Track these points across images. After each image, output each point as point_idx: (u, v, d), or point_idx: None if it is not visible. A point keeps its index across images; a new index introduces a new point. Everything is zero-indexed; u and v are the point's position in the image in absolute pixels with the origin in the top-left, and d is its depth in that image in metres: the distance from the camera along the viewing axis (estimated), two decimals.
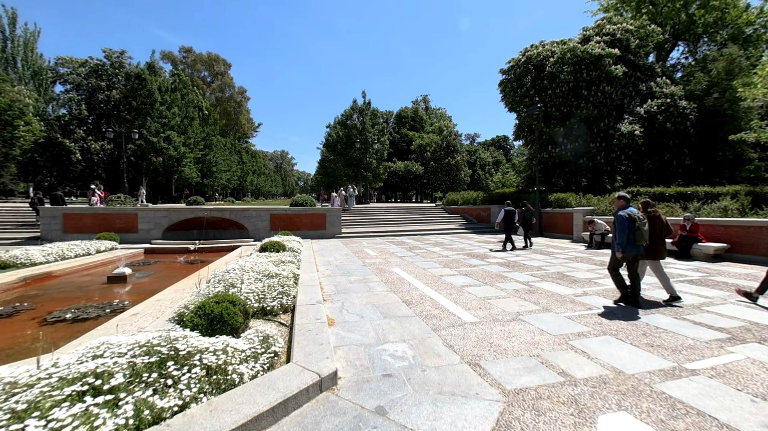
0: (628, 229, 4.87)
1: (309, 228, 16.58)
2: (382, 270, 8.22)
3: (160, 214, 15.06)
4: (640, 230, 4.87)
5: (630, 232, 4.88)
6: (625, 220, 4.89)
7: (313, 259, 9.47)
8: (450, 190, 41.67)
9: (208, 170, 45.41)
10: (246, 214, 15.97)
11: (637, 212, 5.01)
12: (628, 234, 4.88)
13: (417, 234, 17.66)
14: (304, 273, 7.25)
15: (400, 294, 6.02)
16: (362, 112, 36.20)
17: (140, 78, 30.97)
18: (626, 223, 4.88)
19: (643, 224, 4.91)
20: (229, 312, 3.71)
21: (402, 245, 13.41)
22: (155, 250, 13.45)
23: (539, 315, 4.80)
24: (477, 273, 7.74)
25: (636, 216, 4.91)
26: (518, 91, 22.40)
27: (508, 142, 72.70)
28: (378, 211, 24.04)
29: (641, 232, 4.88)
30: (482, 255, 10.60)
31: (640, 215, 4.97)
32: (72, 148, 30.35)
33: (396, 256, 10.52)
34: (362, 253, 11.22)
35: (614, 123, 20.10)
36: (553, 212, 16.16)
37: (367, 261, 9.56)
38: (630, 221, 4.88)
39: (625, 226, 4.89)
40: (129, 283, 8.09)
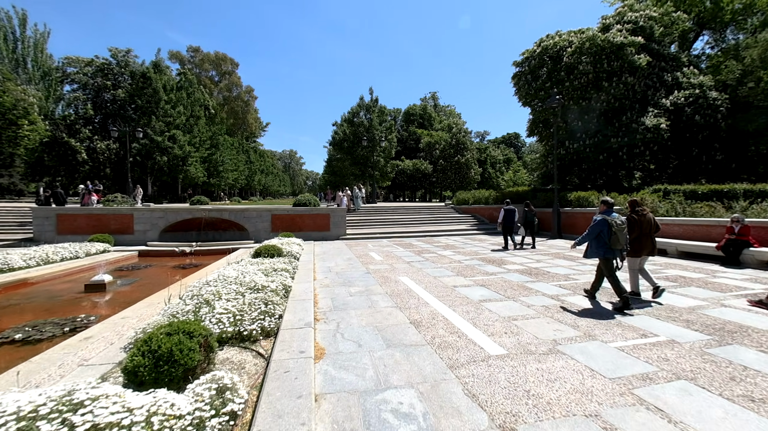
0: (599, 233, 5.08)
1: (312, 230, 15.75)
2: (388, 279, 7.29)
3: (157, 214, 14.40)
4: (617, 235, 4.97)
5: (601, 237, 5.08)
6: (600, 225, 5.11)
7: (312, 265, 8.60)
8: (460, 189, 40.50)
9: (215, 170, 45.05)
10: (246, 215, 15.22)
11: (616, 218, 5.10)
12: (593, 237, 5.14)
13: (426, 235, 16.68)
14: (298, 283, 6.37)
15: (408, 311, 5.09)
16: (369, 109, 35.26)
17: (145, 76, 30.59)
18: (598, 227, 5.11)
19: (620, 229, 5.00)
20: (183, 348, 2.83)
21: (410, 248, 12.46)
22: (150, 253, 12.78)
23: (582, 344, 3.82)
24: (496, 284, 6.75)
25: (613, 222, 5.03)
26: (533, 84, 21.18)
27: (519, 140, 70.95)
28: (385, 211, 23.11)
29: (617, 237, 4.98)
30: (499, 260, 9.59)
31: (617, 221, 5.05)
32: (77, 148, 30.12)
33: (403, 261, 9.58)
34: (367, 258, 10.31)
35: (637, 116, 18.77)
36: (573, 212, 15.01)
37: (372, 268, 8.64)
38: (605, 225, 5.06)
39: (594, 230, 5.13)
40: (108, 292, 7.34)
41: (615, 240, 5.00)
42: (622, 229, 5.04)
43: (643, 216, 5.46)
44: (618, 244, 5.01)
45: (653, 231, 5.49)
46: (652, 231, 5.48)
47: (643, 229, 5.41)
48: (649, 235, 5.44)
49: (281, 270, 6.82)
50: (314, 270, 8.19)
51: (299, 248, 11.17)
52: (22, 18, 44.97)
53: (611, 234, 5.00)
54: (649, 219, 5.46)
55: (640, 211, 5.50)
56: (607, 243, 5.06)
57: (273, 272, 6.52)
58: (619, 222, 5.07)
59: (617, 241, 5.00)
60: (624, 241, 5.05)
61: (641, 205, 5.56)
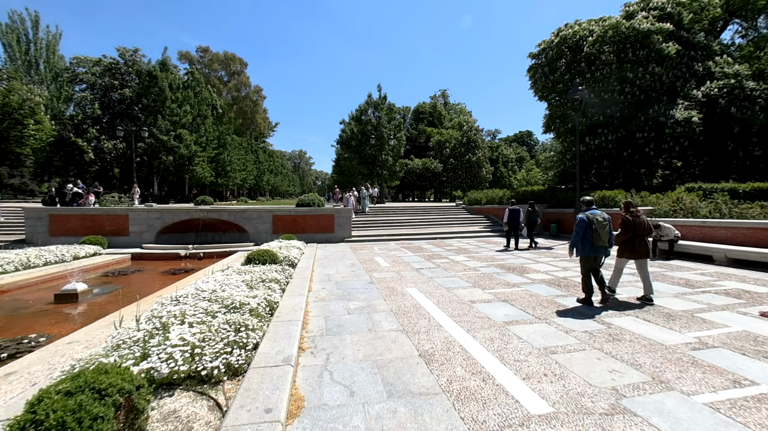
0: (584, 232, 5.11)
1: (315, 231, 14.89)
2: (393, 291, 6.32)
3: (153, 215, 13.72)
4: (598, 232, 5.03)
5: (585, 235, 5.10)
6: (582, 223, 5.12)
7: (310, 273, 7.69)
8: (470, 189, 39.26)
9: (223, 169, 44.75)
10: (246, 216, 14.43)
11: (598, 215, 5.14)
12: (582, 237, 5.13)
13: (436, 237, 15.65)
14: (288, 297, 5.45)
15: (417, 337, 4.11)
16: (377, 107, 34.34)
17: (151, 75, 30.28)
18: (581, 226, 5.12)
19: (602, 227, 5.05)
20: (83, 418, 1.91)
21: (419, 252, 11.47)
22: (143, 256, 12.07)
23: (656, 397, 2.79)
24: (521, 299, 5.72)
25: (594, 219, 5.08)
26: (550, 77, 19.93)
27: (532, 138, 69.06)
28: (393, 212, 22.14)
29: (598, 234, 5.03)
30: (520, 267, 8.53)
31: (599, 218, 5.10)
32: (84, 148, 29.99)
33: (412, 268, 8.60)
34: (371, 264, 9.36)
35: (665, 109, 17.39)
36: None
37: (376, 276, 7.68)
38: (587, 224, 5.09)
39: (580, 228, 5.14)
40: (80, 303, 6.55)
41: (597, 237, 5.04)
42: (604, 226, 5.08)
43: (637, 217, 5.40)
44: (600, 241, 5.05)
45: (647, 234, 5.44)
46: (645, 233, 5.42)
47: (636, 231, 5.37)
48: (642, 237, 5.39)
49: (270, 281, 5.91)
50: (311, 279, 7.28)
51: (299, 252, 10.29)
52: (34, 20, 45.43)
53: (593, 231, 5.05)
54: (642, 221, 5.41)
55: (635, 212, 5.47)
56: (590, 241, 5.09)
57: (260, 284, 5.62)
58: (600, 219, 5.10)
59: (599, 238, 5.05)
60: (606, 238, 5.08)
61: (635, 207, 5.54)
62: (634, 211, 5.48)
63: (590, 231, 5.06)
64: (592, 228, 5.05)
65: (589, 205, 5.42)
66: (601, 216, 5.13)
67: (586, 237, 5.11)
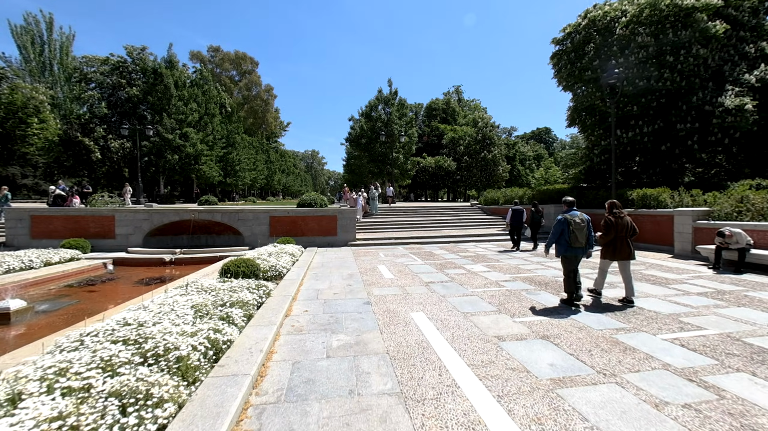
0: (560, 233, 5.18)
1: (317, 234, 13.58)
2: (394, 318, 4.89)
3: (140, 216, 12.67)
4: (575, 234, 5.07)
5: (563, 236, 5.17)
6: (560, 224, 5.19)
7: (296, 288, 6.33)
8: (486, 187, 37.40)
9: (232, 169, 44.16)
10: (241, 217, 13.24)
11: (577, 216, 5.17)
12: (559, 238, 5.20)
13: (449, 241, 14.11)
14: (252, 328, 4.10)
15: (421, 408, 2.67)
16: (388, 102, 32.92)
17: (156, 73, 29.67)
18: (559, 227, 5.18)
19: (579, 228, 5.08)
20: None
21: (430, 259, 9.98)
22: (126, 261, 11.00)
23: None
24: (567, 335, 4.19)
25: (572, 221, 5.11)
26: (576, 64, 18.10)
27: (551, 135, 66.27)
28: (403, 212, 20.68)
29: (575, 236, 5.08)
30: (554, 283, 6.96)
31: (576, 219, 5.12)
32: (91, 147, 29.60)
33: (420, 281, 7.13)
34: (373, 275, 7.94)
35: (712, 96, 15.34)
36: (636, 214, 11.98)
37: (376, 293, 6.25)
38: (566, 225, 5.14)
39: (557, 229, 5.21)
40: (12, 325, 5.36)
41: (574, 238, 5.08)
42: (582, 228, 5.10)
43: (620, 218, 5.36)
44: (577, 242, 5.09)
45: (630, 235, 5.37)
46: (629, 234, 5.36)
47: (619, 232, 5.33)
48: (625, 239, 5.34)
49: (234, 304, 4.55)
50: (294, 297, 5.91)
51: (291, 260, 8.97)
52: (49, 21, 45.94)
53: (570, 232, 5.08)
54: (625, 222, 5.36)
55: (618, 213, 5.42)
56: (567, 242, 5.14)
57: (219, 309, 4.27)
58: (578, 220, 5.12)
59: (576, 239, 5.08)
60: (584, 239, 5.10)
61: (619, 207, 5.47)
62: (618, 212, 5.39)
63: (567, 232, 5.11)
64: (569, 229, 5.10)
65: (570, 206, 5.45)
66: (579, 218, 5.16)
67: (563, 237, 5.16)
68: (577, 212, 5.26)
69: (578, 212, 5.26)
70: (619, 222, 5.31)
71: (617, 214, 5.37)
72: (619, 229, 5.29)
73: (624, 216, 5.35)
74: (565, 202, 5.52)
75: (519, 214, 11.73)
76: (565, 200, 5.53)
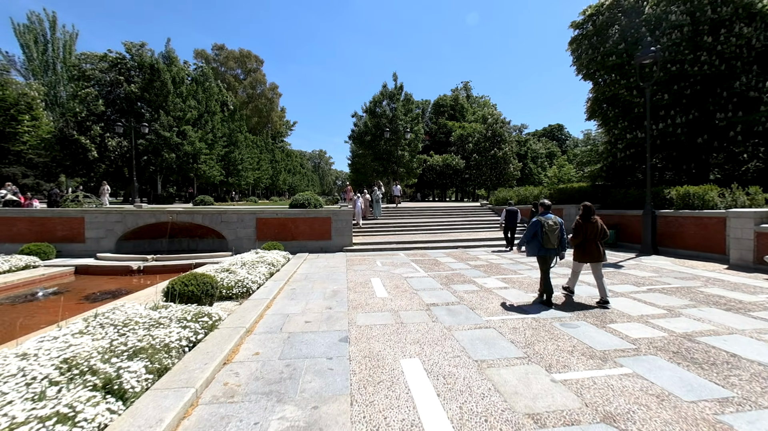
0: (533, 234, 5.39)
1: (308, 238, 12.17)
2: (377, 369, 3.40)
3: (113, 218, 11.42)
4: (547, 235, 5.26)
5: (536, 237, 5.37)
6: (534, 226, 5.40)
7: (258, 314, 4.91)
8: (496, 186, 35.60)
9: (234, 168, 43.17)
10: (224, 218, 11.90)
11: (551, 219, 5.35)
12: (532, 238, 5.43)
13: (458, 246, 12.55)
14: (152, 398, 2.66)
15: None
16: (393, 98, 31.40)
17: (153, 68, 28.67)
18: (533, 228, 5.40)
19: (551, 230, 5.28)
20: None
21: (435, 269, 8.46)
22: (89, 269, 9.75)
23: None
24: (641, 409, 2.65)
25: (545, 223, 5.31)
26: (599, 49, 16.33)
27: (563, 132, 63.86)
28: (408, 213, 19.17)
29: (548, 237, 5.26)
30: (597, 310, 5.38)
31: (549, 222, 5.32)
32: (88, 145, 28.77)
33: (420, 304, 5.63)
34: (363, 292, 6.46)
35: (758, 81, 13.47)
36: (677, 216, 10.27)
37: (360, 323, 4.78)
38: (540, 226, 5.33)
39: (530, 230, 5.44)
40: None
41: (546, 239, 5.28)
42: (554, 230, 5.30)
43: (589, 222, 5.43)
44: (549, 243, 5.29)
45: (600, 238, 5.44)
46: (599, 237, 5.44)
47: (588, 235, 5.41)
48: (594, 241, 5.41)
49: (139, 352, 3.12)
50: (250, 330, 4.47)
51: (268, 271, 7.56)
52: (52, 20, 45.67)
53: (543, 234, 5.28)
54: (595, 225, 5.42)
55: (589, 217, 5.47)
56: (539, 242, 5.34)
57: (109, 363, 2.85)
58: (551, 223, 5.32)
59: (548, 241, 5.27)
60: (556, 241, 5.31)
61: (594, 213, 5.51)
62: (589, 216, 5.47)
63: (541, 234, 5.30)
64: (542, 230, 5.28)
65: (547, 208, 5.64)
66: (552, 220, 5.35)
67: (537, 238, 5.35)
68: (551, 215, 5.47)
69: (552, 215, 5.46)
70: (588, 225, 5.41)
71: (587, 217, 5.45)
72: (589, 232, 5.41)
73: (595, 221, 5.45)
74: (542, 204, 5.73)
75: (513, 214, 11.69)
76: (542, 203, 5.74)
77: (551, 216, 5.44)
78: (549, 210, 5.66)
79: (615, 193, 13.67)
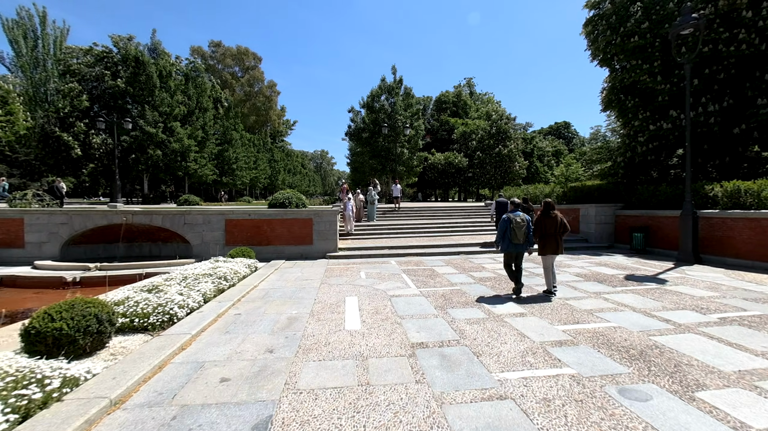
0: (504, 231, 5.67)
1: (286, 243, 10.52)
2: None
3: (57, 219, 9.82)
4: (515, 231, 5.55)
5: (506, 233, 5.65)
6: (503, 223, 5.68)
7: (151, 368, 3.23)
8: (501, 185, 33.84)
9: (229, 167, 41.67)
10: (188, 220, 10.28)
11: (519, 217, 5.60)
12: (503, 235, 5.69)
13: (459, 251, 10.84)
14: None
15: None
16: (392, 92, 29.74)
17: (138, 61, 27.20)
18: (503, 226, 5.68)
19: (519, 227, 5.55)
20: None
21: (430, 284, 6.76)
22: (18, 281, 8.16)
23: None
24: None
25: (514, 220, 5.58)
26: (618, 29, 14.57)
27: (570, 129, 61.80)
28: (406, 214, 17.48)
29: (515, 233, 5.56)
30: (673, 359, 3.66)
31: (517, 219, 5.57)
32: (70, 143, 27.37)
33: (403, 345, 3.93)
34: (328, 322, 4.78)
35: None
36: (725, 217, 8.49)
37: (302, 386, 3.08)
38: (508, 223, 5.62)
39: (501, 228, 5.73)
40: None
41: (514, 235, 5.57)
42: (521, 227, 5.55)
43: (548, 217, 5.75)
44: (516, 239, 5.57)
45: (559, 233, 5.72)
46: (558, 232, 5.71)
47: (547, 230, 5.73)
48: (553, 236, 5.72)
49: None
50: (120, 401, 2.79)
51: (217, 286, 5.92)
52: (42, 16, 44.51)
53: (511, 230, 5.57)
54: (554, 221, 5.72)
55: (548, 212, 5.78)
56: (509, 239, 5.62)
57: None
58: (519, 220, 5.57)
59: (516, 237, 5.56)
60: (522, 237, 5.57)
61: (553, 208, 5.81)
62: (548, 211, 5.77)
63: (509, 230, 5.58)
64: (511, 227, 5.56)
65: (517, 207, 5.90)
66: (520, 218, 5.59)
67: (506, 235, 5.63)
68: (519, 213, 5.67)
69: (520, 213, 5.66)
70: (547, 221, 5.73)
71: (547, 213, 5.76)
72: (548, 227, 5.72)
73: (556, 216, 5.74)
74: (512, 202, 5.98)
75: (503, 206, 11.46)
76: (513, 201, 6.01)
77: (519, 214, 5.67)
78: (518, 208, 5.89)
79: (641, 191, 11.90)
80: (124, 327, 4.41)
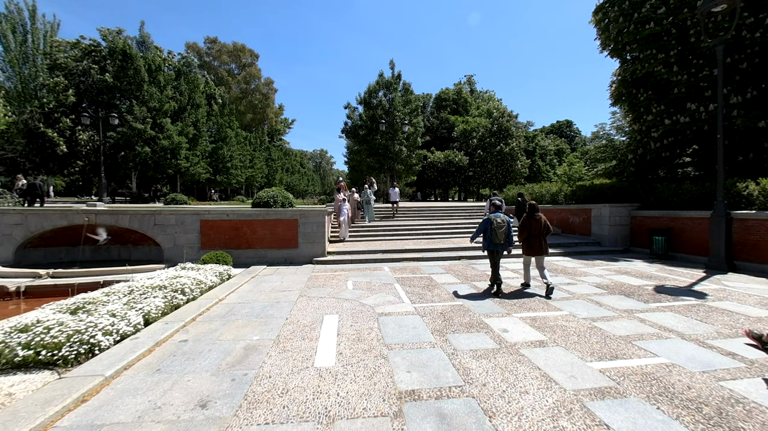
0: (484, 231, 5.94)
1: (269, 246, 9.48)
2: None
3: (10, 219, 8.77)
4: (495, 232, 5.76)
5: (486, 233, 5.89)
6: (484, 224, 5.93)
7: None
8: (503, 185, 32.81)
9: (223, 166, 40.59)
10: (159, 221, 9.23)
11: (499, 217, 5.83)
12: (483, 235, 5.98)
13: (461, 255, 9.80)
14: None
15: None
16: (390, 87, 28.67)
17: (126, 54, 26.12)
18: (483, 226, 5.94)
19: (499, 227, 5.77)
20: None
21: (427, 299, 5.72)
22: None
23: None
24: None
25: (494, 221, 5.81)
26: (632, 16, 13.54)
27: (572, 128, 60.70)
28: (403, 214, 16.43)
29: (496, 233, 5.77)
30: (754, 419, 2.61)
31: (498, 220, 5.80)
32: (55, 139, 26.31)
33: (386, 396, 2.88)
34: (294, 355, 3.73)
35: None
36: (765, 219, 7.46)
37: None
38: (488, 224, 5.84)
39: (481, 228, 5.98)
40: None
41: (494, 235, 5.78)
42: (501, 227, 5.77)
43: (534, 218, 5.93)
44: (497, 239, 5.77)
45: (543, 234, 5.89)
46: (542, 233, 5.88)
47: (532, 231, 5.92)
48: (538, 237, 5.89)
49: None
50: None
51: (168, 303, 4.89)
52: (32, 10, 43.43)
53: (492, 231, 5.78)
54: (539, 222, 5.89)
55: (533, 214, 5.97)
56: (489, 239, 5.84)
57: None
58: (499, 221, 5.80)
59: (496, 236, 5.77)
60: (503, 237, 5.78)
61: (538, 210, 6.01)
62: (533, 214, 5.97)
63: (490, 230, 5.80)
64: (491, 227, 5.78)
65: (498, 208, 6.11)
66: (501, 219, 5.81)
67: (487, 235, 5.87)
68: (500, 214, 5.88)
69: (501, 214, 5.88)
70: (532, 222, 5.92)
71: (532, 215, 5.96)
72: (533, 229, 5.92)
73: (540, 218, 5.90)
74: (493, 203, 6.24)
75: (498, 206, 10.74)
76: (493, 203, 6.25)
77: (500, 215, 5.86)
78: (499, 209, 6.06)
79: (661, 190, 10.84)
80: (26, 362, 3.39)
